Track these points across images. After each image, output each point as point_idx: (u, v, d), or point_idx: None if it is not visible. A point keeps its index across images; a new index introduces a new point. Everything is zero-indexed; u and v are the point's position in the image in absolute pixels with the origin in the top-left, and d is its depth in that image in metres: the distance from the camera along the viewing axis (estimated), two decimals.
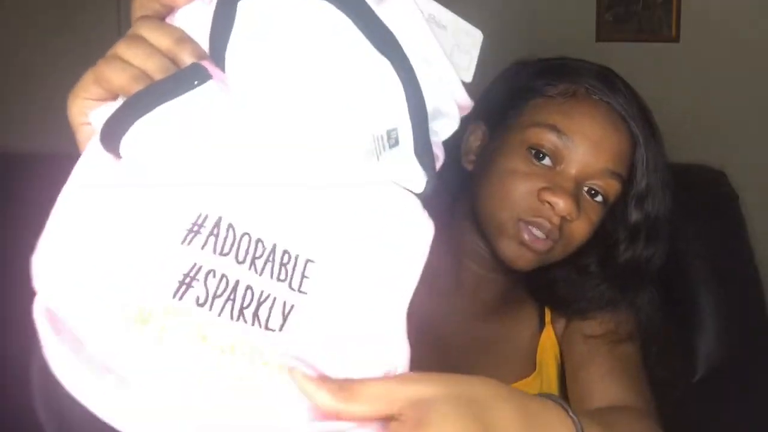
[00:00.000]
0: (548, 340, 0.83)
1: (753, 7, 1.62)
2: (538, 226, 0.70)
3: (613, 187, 0.73)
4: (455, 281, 0.80)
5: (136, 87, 0.40)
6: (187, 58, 0.41)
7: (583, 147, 0.71)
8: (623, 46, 1.60)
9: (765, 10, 1.63)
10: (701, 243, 1.37)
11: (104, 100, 0.43)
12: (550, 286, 0.81)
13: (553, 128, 0.72)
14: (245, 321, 0.38)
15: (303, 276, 0.39)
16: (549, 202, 0.69)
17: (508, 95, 0.80)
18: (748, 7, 1.62)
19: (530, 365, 0.81)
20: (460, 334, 0.79)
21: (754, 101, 1.64)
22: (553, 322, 0.83)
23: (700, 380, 1.32)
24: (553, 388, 0.82)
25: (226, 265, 0.38)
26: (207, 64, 0.41)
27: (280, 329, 0.39)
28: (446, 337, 0.77)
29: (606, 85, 0.79)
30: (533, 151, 0.72)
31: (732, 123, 1.64)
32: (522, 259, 0.72)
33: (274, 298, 0.38)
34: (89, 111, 0.43)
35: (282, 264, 0.39)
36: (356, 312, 0.40)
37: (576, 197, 0.70)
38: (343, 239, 0.41)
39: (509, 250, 0.71)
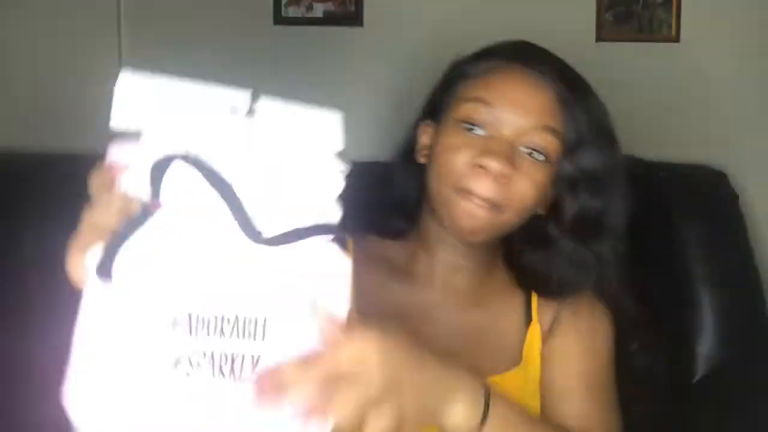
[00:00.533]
0: (535, 335, 0.84)
1: (753, 6, 1.63)
2: (479, 192, 0.74)
3: (550, 142, 0.77)
4: (430, 274, 0.83)
5: (115, 226, 0.53)
6: (135, 207, 0.53)
7: (509, 110, 0.76)
8: (623, 46, 1.60)
9: (765, 9, 1.63)
10: (701, 243, 1.37)
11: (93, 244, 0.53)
12: (528, 268, 0.83)
13: (479, 100, 0.78)
14: (224, 376, 0.52)
15: (264, 330, 0.53)
16: (483, 166, 0.74)
17: (444, 88, 0.86)
18: (748, 7, 1.62)
19: (515, 358, 0.83)
20: (441, 325, 0.81)
21: (755, 101, 1.64)
22: (539, 317, 0.84)
23: (700, 380, 1.32)
24: (537, 383, 0.84)
25: (203, 342, 0.52)
26: (151, 204, 0.57)
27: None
28: (427, 329, 0.79)
29: (521, 54, 0.83)
30: (465, 125, 0.77)
31: (732, 123, 1.64)
32: (470, 227, 0.76)
33: (243, 355, 0.52)
34: (85, 258, 0.55)
35: (245, 327, 0.53)
36: (304, 344, 0.53)
37: (510, 158, 0.74)
38: (284, 297, 0.54)
39: (457, 220, 0.76)
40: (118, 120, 0.62)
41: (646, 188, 1.42)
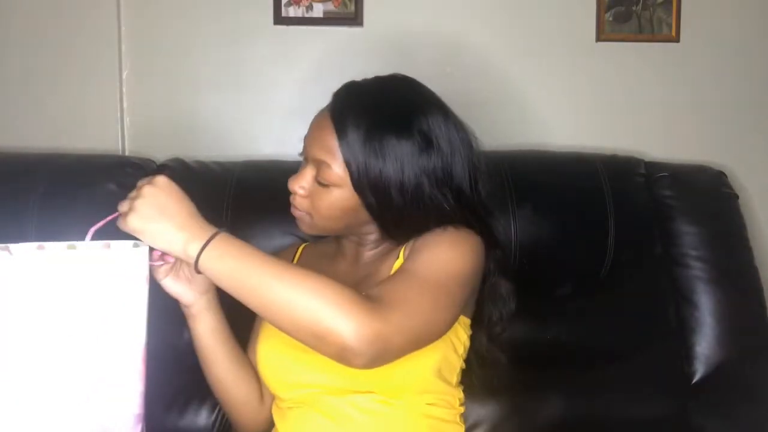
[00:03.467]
0: (398, 264, 0.98)
1: (752, 7, 1.63)
2: (294, 205, 1.00)
3: (323, 171, 0.95)
4: (344, 253, 1.07)
5: None
6: None
7: (306, 142, 1.00)
8: (623, 46, 1.60)
9: (765, 10, 1.63)
10: (701, 243, 1.37)
11: None
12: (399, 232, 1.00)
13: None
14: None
15: None
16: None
17: None
18: (748, 7, 1.62)
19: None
20: (349, 277, 1.02)
21: (754, 101, 1.64)
22: (404, 254, 0.99)
23: (700, 380, 1.32)
24: None
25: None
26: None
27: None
28: (343, 280, 0.94)
29: (334, 97, 0.99)
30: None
31: (732, 123, 1.64)
32: (303, 228, 1.01)
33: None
34: None
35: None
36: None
37: (301, 182, 0.97)
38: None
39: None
40: None
41: (646, 188, 1.43)
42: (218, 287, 0.86)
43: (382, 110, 0.96)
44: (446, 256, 0.93)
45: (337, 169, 0.94)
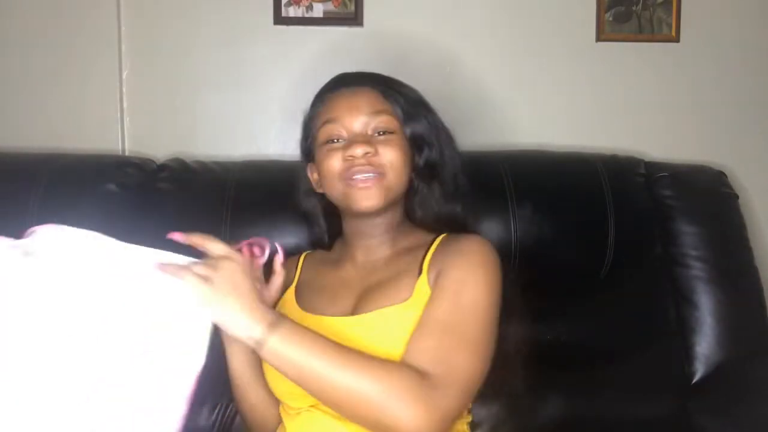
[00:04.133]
0: (423, 284, 0.96)
1: (753, 7, 1.63)
2: (359, 172, 0.98)
3: (385, 120, 1.01)
4: (353, 259, 1.07)
5: None
6: None
7: (347, 114, 1.01)
8: (623, 46, 1.60)
9: (765, 10, 1.63)
10: (701, 243, 1.37)
11: None
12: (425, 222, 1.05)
13: (327, 122, 1.03)
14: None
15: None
16: (351, 155, 0.98)
17: (305, 136, 1.10)
18: (748, 7, 1.62)
19: (403, 298, 0.97)
20: (356, 286, 1.03)
21: (754, 101, 1.64)
22: (428, 271, 0.97)
23: (700, 380, 1.32)
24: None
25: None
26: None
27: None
28: (344, 291, 1.03)
29: (339, 80, 1.07)
30: (328, 144, 1.02)
31: (732, 123, 1.64)
32: (367, 199, 0.98)
33: None
34: None
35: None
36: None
37: (367, 140, 0.99)
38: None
39: (356, 201, 0.99)
40: None
41: (646, 188, 1.43)
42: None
43: (404, 84, 1.07)
44: (482, 301, 0.93)
45: (391, 116, 1.01)
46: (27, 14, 1.52)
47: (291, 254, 1.13)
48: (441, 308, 0.91)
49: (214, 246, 0.88)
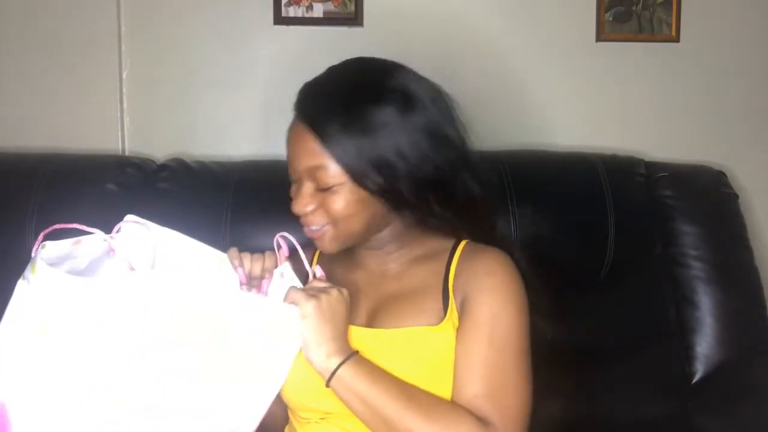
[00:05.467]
0: (452, 309, 0.93)
1: (753, 7, 1.63)
2: (307, 224, 0.94)
3: (323, 177, 0.90)
4: (367, 262, 1.02)
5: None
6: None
7: (291, 159, 0.94)
8: (623, 46, 1.60)
9: (765, 9, 1.63)
10: (701, 243, 1.37)
11: None
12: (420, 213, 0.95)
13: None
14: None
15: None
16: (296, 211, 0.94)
17: None
18: (748, 7, 1.62)
19: (434, 318, 0.93)
20: (372, 292, 0.99)
21: (754, 101, 1.64)
22: (454, 294, 0.94)
23: (700, 380, 1.32)
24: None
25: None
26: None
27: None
28: (359, 295, 0.98)
29: (297, 98, 0.95)
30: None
31: (732, 123, 1.63)
32: (323, 247, 0.95)
33: None
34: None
35: None
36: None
37: (306, 196, 0.92)
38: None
39: (317, 246, 0.96)
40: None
41: (646, 188, 1.43)
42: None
43: (349, 88, 0.93)
44: (516, 330, 0.91)
45: (333, 167, 0.89)
46: (27, 14, 1.52)
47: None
48: (480, 348, 0.89)
49: (319, 283, 0.91)
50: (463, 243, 0.99)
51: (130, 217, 0.87)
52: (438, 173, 0.92)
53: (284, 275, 0.90)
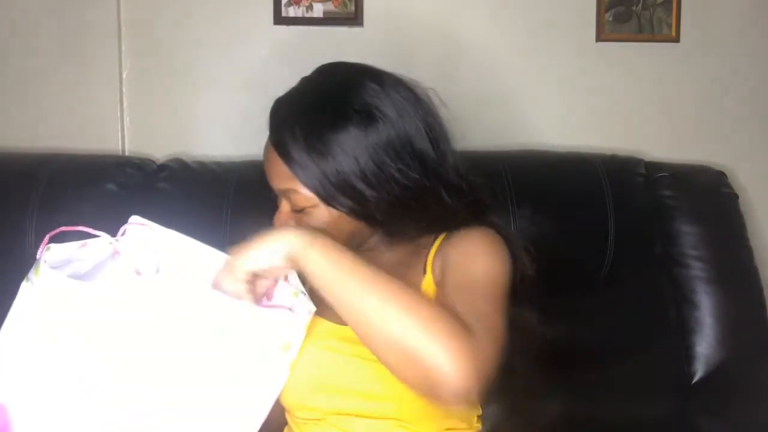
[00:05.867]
0: (428, 283, 0.93)
1: (752, 7, 1.63)
2: None
3: (296, 199, 0.90)
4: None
5: None
6: None
7: (268, 178, 0.93)
8: (623, 46, 1.60)
9: (764, 10, 1.63)
10: (701, 243, 1.37)
11: None
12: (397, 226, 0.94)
13: None
14: None
15: None
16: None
17: None
18: (748, 7, 1.62)
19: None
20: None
21: (754, 101, 1.64)
22: (432, 269, 0.93)
23: (700, 380, 1.32)
24: None
25: None
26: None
27: None
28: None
29: (268, 123, 0.95)
30: None
31: (732, 123, 1.64)
32: None
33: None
34: None
35: None
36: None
37: (285, 215, 0.93)
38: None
39: None
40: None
41: (646, 188, 1.43)
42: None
43: (310, 109, 0.91)
44: (492, 269, 0.88)
45: (303, 190, 0.89)
46: (27, 14, 1.52)
47: None
48: (455, 277, 0.87)
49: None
50: (445, 233, 0.97)
51: (134, 219, 0.86)
52: (406, 193, 0.89)
53: (289, 279, 0.89)
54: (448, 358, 0.71)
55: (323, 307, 0.96)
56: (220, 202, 1.30)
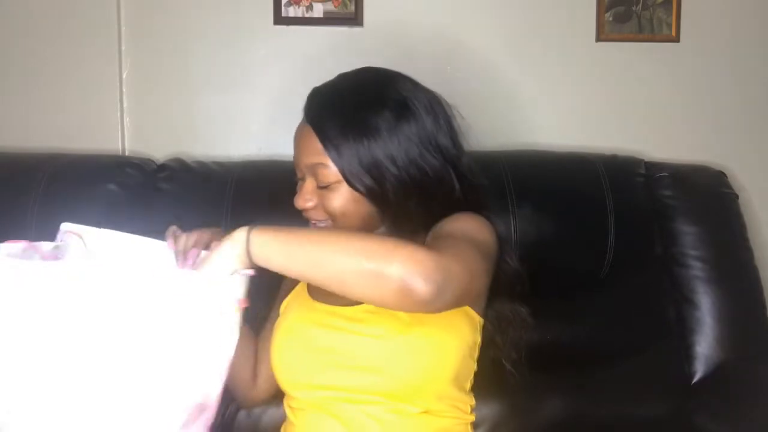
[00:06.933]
0: None
1: (752, 7, 1.63)
2: (310, 218, 1.01)
3: (323, 174, 0.96)
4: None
5: None
6: None
7: (297, 155, 1.00)
8: (623, 46, 1.60)
9: (764, 9, 1.63)
10: (701, 243, 1.37)
11: None
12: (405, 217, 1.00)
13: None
14: None
15: None
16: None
17: None
18: (748, 7, 1.62)
19: None
20: None
21: (754, 101, 1.64)
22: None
23: (700, 380, 1.32)
24: None
25: None
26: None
27: None
28: None
29: (307, 99, 1.01)
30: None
31: (732, 123, 1.64)
32: None
33: None
34: None
35: None
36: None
37: (306, 193, 0.98)
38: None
39: None
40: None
41: (646, 188, 1.43)
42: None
43: (351, 95, 0.98)
44: (473, 227, 0.95)
45: (331, 165, 0.95)
46: (27, 14, 1.52)
47: None
48: (437, 234, 0.94)
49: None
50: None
51: (65, 226, 0.90)
52: (424, 178, 0.97)
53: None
54: (408, 267, 0.77)
55: (315, 291, 1.04)
56: (220, 202, 1.30)
